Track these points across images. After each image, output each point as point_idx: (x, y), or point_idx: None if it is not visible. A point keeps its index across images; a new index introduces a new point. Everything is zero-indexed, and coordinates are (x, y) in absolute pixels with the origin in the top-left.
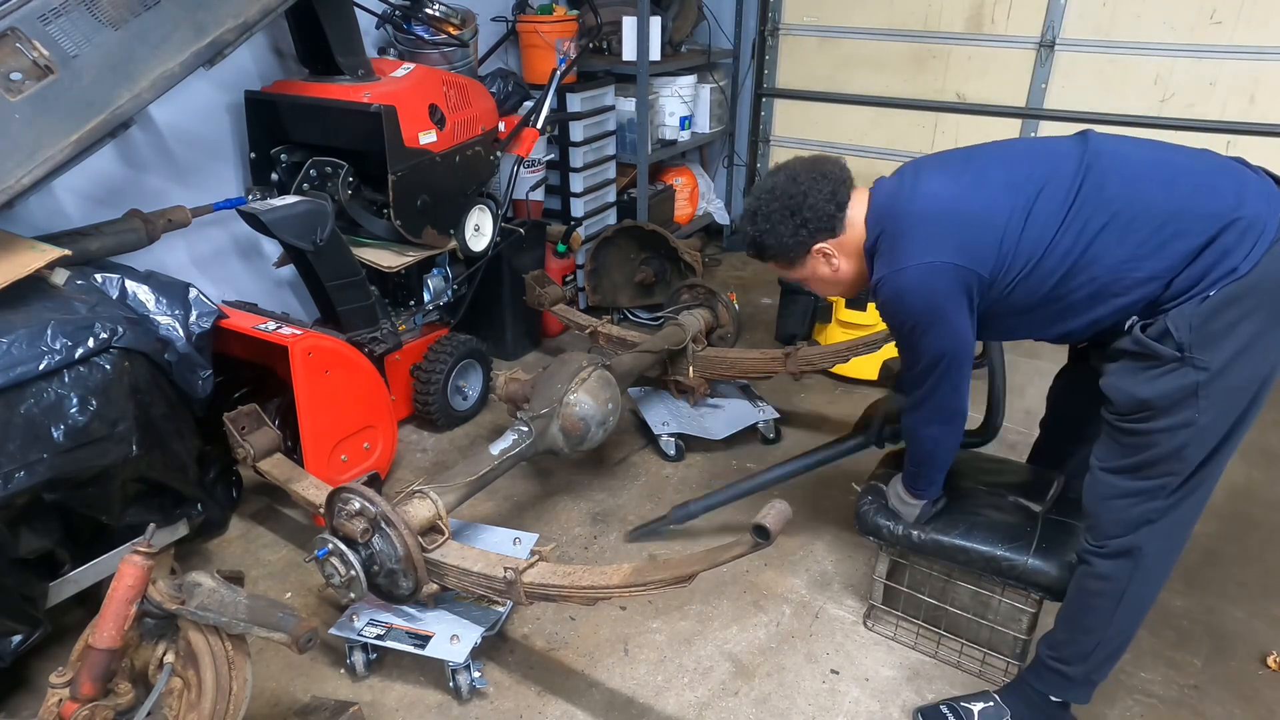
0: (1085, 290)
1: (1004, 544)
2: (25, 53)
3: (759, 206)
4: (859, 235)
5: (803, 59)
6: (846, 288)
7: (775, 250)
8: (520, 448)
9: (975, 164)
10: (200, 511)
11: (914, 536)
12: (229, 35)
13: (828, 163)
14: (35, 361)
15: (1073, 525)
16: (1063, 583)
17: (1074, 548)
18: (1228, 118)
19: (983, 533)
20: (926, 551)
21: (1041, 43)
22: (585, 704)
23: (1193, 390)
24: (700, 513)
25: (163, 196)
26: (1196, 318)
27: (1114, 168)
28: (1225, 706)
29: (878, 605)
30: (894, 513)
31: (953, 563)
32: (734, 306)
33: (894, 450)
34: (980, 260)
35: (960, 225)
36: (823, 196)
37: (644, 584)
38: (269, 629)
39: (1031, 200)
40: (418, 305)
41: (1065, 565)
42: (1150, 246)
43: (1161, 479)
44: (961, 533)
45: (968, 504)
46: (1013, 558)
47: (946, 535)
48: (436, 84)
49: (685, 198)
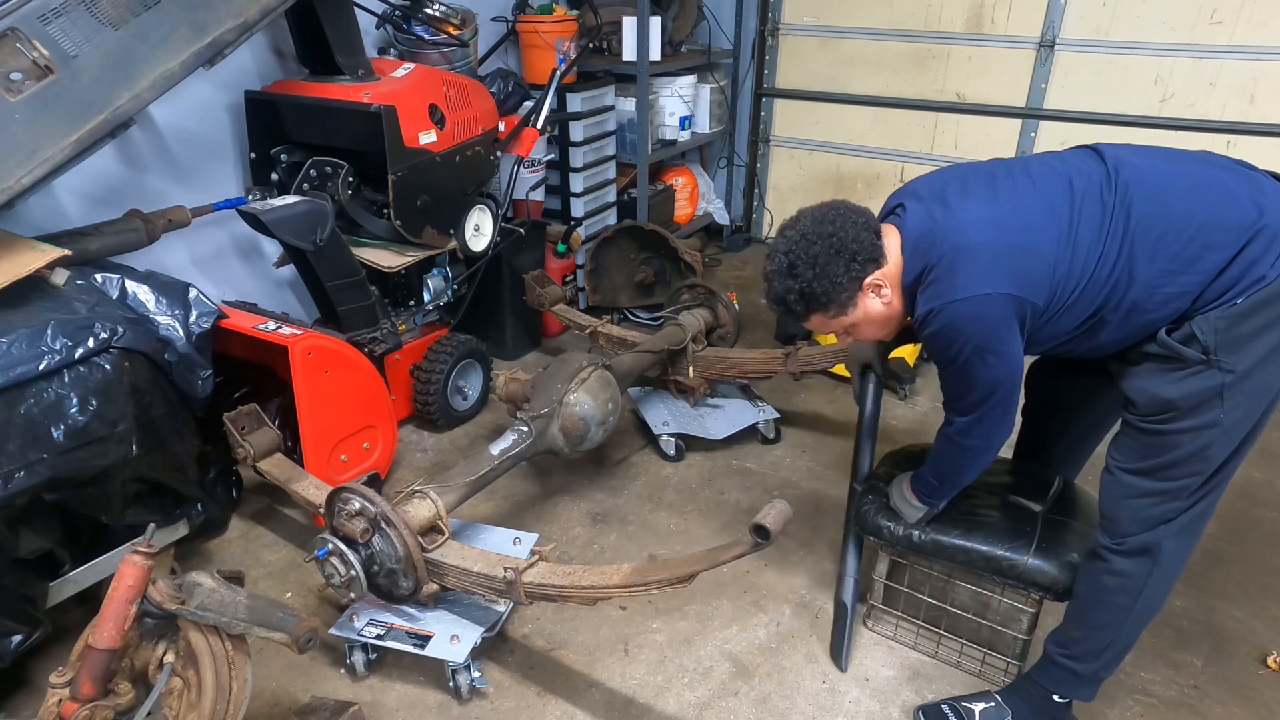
0: (1121, 310)
1: (1004, 544)
2: (25, 53)
3: (794, 257)
4: (897, 268)
5: (803, 59)
6: (896, 324)
7: (827, 295)
8: (520, 448)
9: (1004, 187)
10: (200, 511)
11: (914, 537)
12: (229, 35)
13: (839, 202)
14: (35, 361)
15: (1073, 525)
16: (1063, 582)
17: (1074, 547)
18: (1228, 118)
19: (983, 533)
20: (927, 552)
21: (1041, 43)
22: (585, 704)
23: (1218, 392)
24: None
25: (163, 196)
26: (1223, 322)
27: (1137, 184)
28: (1225, 706)
29: (878, 605)
30: (895, 512)
31: (953, 563)
32: (734, 306)
33: (894, 450)
34: (1035, 289)
35: (1013, 255)
36: (859, 227)
37: (644, 584)
38: (269, 629)
39: (1073, 225)
40: (418, 305)
41: (1066, 565)
42: (1181, 262)
43: (1184, 480)
44: (961, 533)
45: (967, 504)
46: (1013, 557)
47: (947, 535)
48: (436, 84)
49: (685, 198)
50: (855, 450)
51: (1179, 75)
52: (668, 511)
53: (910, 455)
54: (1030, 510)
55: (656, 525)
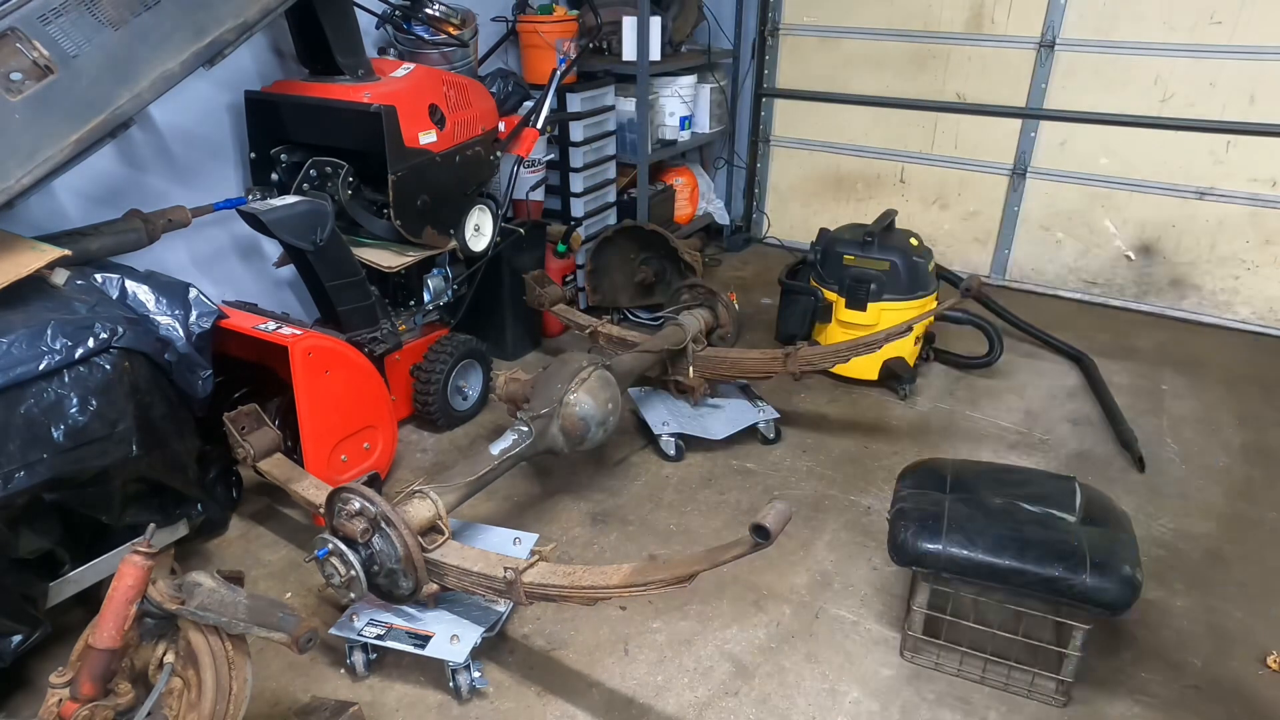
0: None
1: (1059, 563)
2: (25, 53)
3: None
4: None
5: (803, 59)
6: None
7: None
8: (520, 448)
9: None
10: (200, 511)
11: (964, 563)
12: (229, 35)
13: None
14: (35, 361)
15: (1111, 533)
16: (1123, 599)
17: (1124, 559)
18: (1228, 118)
19: (1034, 553)
20: (982, 577)
21: (1041, 43)
22: (585, 704)
23: None
24: None
25: (163, 196)
26: None
27: None
28: (1225, 706)
29: (917, 635)
30: None
31: (1007, 585)
32: (734, 306)
33: (914, 465)
34: None
35: None
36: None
37: (644, 584)
38: (269, 629)
39: None
40: (418, 305)
41: (1124, 581)
42: None
43: None
44: (1014, 555)
45: (1008, 522)
46: (1070, 577)
47: (999, 558)
48: (436, 84)
49: (685, 198)
50: None
51: (1179, 75)
52: (668, 511)
53: (930, 470)
54: (1066, 522)
55: (656, 525)
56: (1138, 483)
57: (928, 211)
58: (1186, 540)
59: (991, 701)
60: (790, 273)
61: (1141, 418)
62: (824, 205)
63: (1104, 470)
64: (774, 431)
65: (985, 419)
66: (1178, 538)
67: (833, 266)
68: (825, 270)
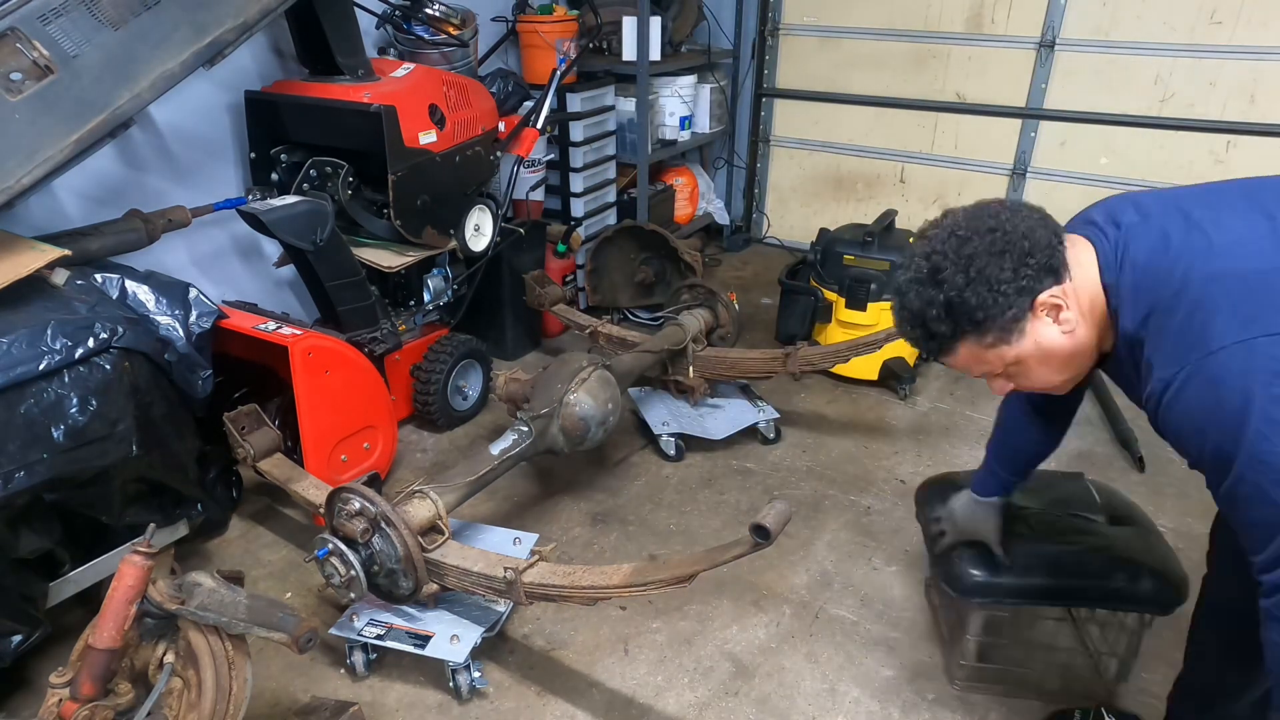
0: None
1: (1115, 573)
2: (25, 53)
3: (940, 259)
4: (1090, 294)
5: (803, 59)
6: (1081, 363)
7: (985, 310)
8: (520, 448)
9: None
10: (200, 511)
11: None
12: (229, 35)
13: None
14: (35, 361)
15: (1141, 530)
16: (1179, 597)
17: (1161, 553)
18: (1228, 118)
19: (1094, 566)
20: (1045, 598)
21: (1041, 43)
22: (585, 704)
23: None
24: None
25: (163, 196)
26: None
27: None
28: None
29: (970, 664)
30: None
31: (1068, 602)
32: (734, 306)
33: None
34: None
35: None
36: (1033, 222)
37: (644, 584)
38: (269, 629)
39: None
40: (418, 305)
41: (1179, 580)
42: None
43: None
44: (1074, 573)
45: (1054, 537)
46: (1128, 586)
47: (1059, 579)
48: (436, 84)
49: (685, 198)
50: None
51: (1179, 75)
52: (668, 511)
53: (951, 482)
54: (1097, 523)
55: (656, 525)
56: (1138, 482)
57: (928, 211)
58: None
59: (992, 703)
60: (790, 273)
61: (1141, 417)
62: (824, 205)
63: (1104, 470)
64: (774, 431)
65: (985, 419)
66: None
67: (833, 266)
68: (825, 270)
